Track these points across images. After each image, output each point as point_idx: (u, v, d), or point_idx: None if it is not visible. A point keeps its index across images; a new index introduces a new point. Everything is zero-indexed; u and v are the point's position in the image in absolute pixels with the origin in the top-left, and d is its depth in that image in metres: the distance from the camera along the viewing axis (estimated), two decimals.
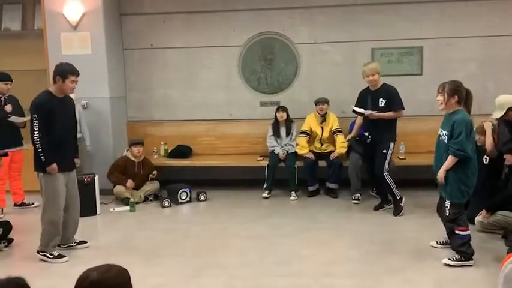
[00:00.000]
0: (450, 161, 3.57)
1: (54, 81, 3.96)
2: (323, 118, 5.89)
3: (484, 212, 4.31)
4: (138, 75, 6.63)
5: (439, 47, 6.15)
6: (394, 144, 5.06)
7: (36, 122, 3.84)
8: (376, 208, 5.22)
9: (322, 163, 5.87)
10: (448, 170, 3.60)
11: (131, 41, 6.56)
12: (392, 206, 5.13)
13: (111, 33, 6.22)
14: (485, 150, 4.52)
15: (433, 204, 3.91)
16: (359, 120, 5.31)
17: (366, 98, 5.06)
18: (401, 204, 5.02)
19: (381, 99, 4.93)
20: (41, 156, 3.87)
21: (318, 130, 5.92)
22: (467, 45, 6.10)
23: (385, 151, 4.93)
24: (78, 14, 5.95)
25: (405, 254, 3.93)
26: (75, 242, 4.28)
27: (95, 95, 6.05)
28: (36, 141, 3.86)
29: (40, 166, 3.93)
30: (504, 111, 4.31)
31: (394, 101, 4.93)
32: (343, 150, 5.76)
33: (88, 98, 6.05)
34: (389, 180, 4.99)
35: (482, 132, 4.56)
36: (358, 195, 5.59)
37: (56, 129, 3.92)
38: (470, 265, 3.62)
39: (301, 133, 5.94)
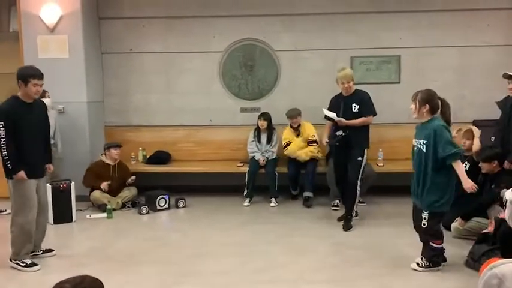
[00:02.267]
0: (458, 166, 3.48)
1: (19, 87, 3.88)
2: (297, 131, 5.92)
3: (459, 219, 4.38)
4: (117, 79, 6.53)
5: (416, 56, 6.27)
6: (368, 150, 4.97)
7: (3, 129, 3.76)
8: (340, 219, 5.04)
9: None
10: (430, 179, 3.52)
11: (110, 45, 6.47)
12: (357, 218, 5.07)
13: (90, 37, 6.13)
14: (465, 156, 4.59)
15: (411, 211, 3.94)
16: (329, 124, 5.20)
17: (339, 104, 4.95)
18: (352, 222, 4.90)
19: (354, 105, 4.86)
20: (8, 164, 3.79)
21: None
22: (444, 54, 6.23)
23: (359, 158, 4.82)
24: (56, 16, 5.84)
25: (383, 261, 3.96)
26: (41, 251, 4.17)
27: (72, 100, 5.94)
28: (3, 149, 3.78)
29: (9, 173, 3.85)
30: None
31: (366, 106, 4.86)
32: (307, 158, 5.75)
33: (65, 103, 5.93)
34: (358, 193, 4.88)
35: (470, 136, 4.61)
36: (337, 201, 5.59)
37: (24, 135, 3.84)
38: (438, 270, 3.69)
39: (285, 146, 5.88)
